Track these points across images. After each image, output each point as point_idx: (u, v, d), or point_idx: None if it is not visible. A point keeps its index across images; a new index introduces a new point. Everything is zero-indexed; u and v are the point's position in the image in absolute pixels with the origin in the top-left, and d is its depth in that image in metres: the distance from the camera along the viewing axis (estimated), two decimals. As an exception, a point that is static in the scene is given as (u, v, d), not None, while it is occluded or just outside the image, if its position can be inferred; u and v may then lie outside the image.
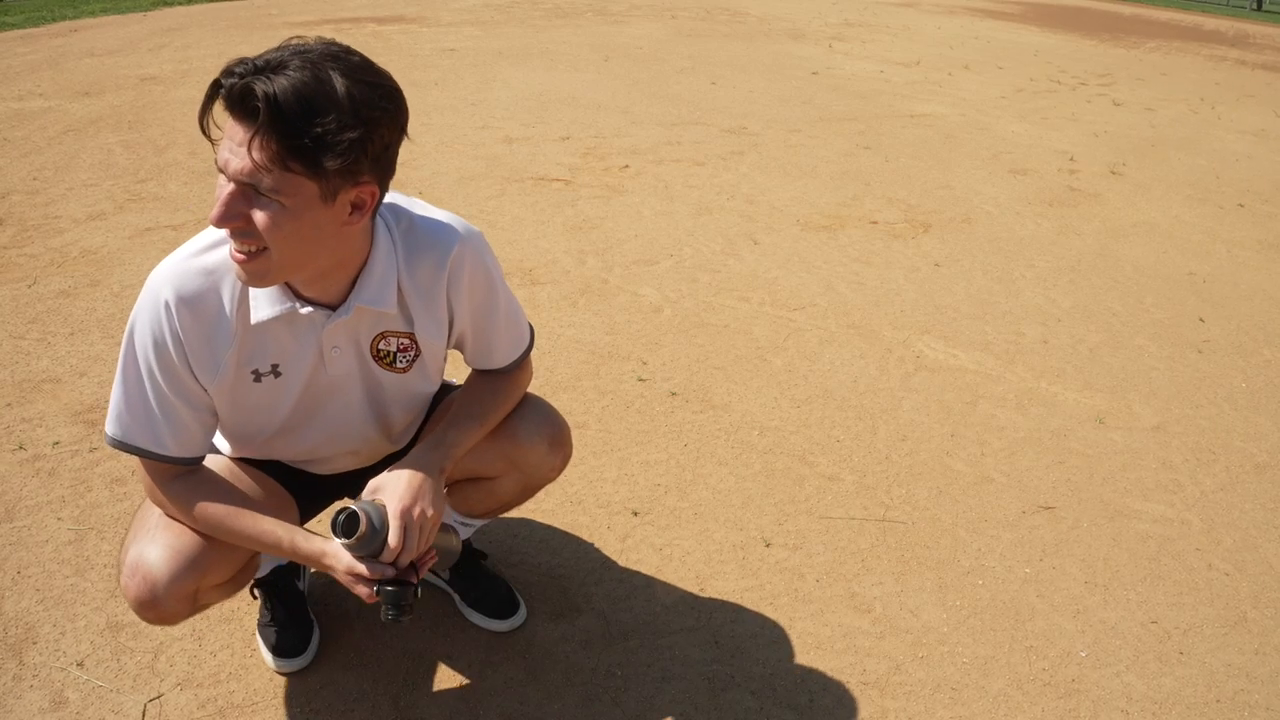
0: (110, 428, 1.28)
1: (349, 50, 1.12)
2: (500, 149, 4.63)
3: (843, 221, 4.04)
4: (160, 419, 1.27)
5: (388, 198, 1.31)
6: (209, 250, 1.24)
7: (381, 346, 1.37)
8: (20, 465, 2.17)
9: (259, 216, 1.10)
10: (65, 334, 2.75)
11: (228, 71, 1.06)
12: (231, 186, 1.09)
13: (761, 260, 3.57)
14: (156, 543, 1.31)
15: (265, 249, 1.13)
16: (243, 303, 1.25)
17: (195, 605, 1.38)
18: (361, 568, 1.26)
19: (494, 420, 1.48)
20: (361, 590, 1.27)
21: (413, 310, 1.35)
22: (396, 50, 6.82)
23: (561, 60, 6.74)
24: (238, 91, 1.05)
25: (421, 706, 1.60)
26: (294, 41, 1.10)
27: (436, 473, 1.34)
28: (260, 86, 1.04)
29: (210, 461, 1.40)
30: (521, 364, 1.53)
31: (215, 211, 1.10)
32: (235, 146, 1.07)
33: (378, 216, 1.29)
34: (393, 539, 1.26)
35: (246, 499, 1.37)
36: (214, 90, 1.08)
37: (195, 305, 1.22)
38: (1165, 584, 2.03)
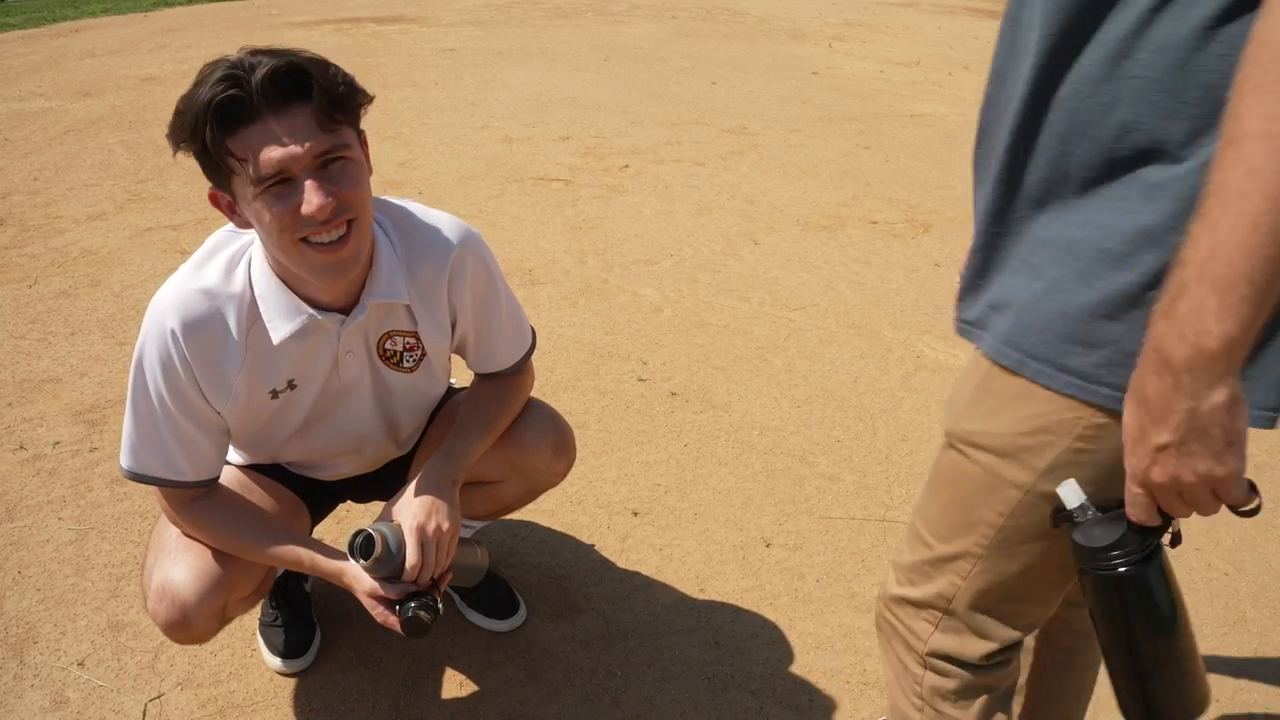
0: (125, 460, 1.27)
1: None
2: (500, 149, 4.63)
3: (843, 221, 4.04)
4: (174, 447, 1.26)
5: (381, 200, 1.32)
6: (209, 274, 1.22)
7: (388, 346, 1.36)
8: (21, 465, 2.17)
9: (344, 185, 1.11)
10: (66, 334, 2.75)
11: (227, 85, 1.02)
12: (309, 180, 1.07)
13: (761, 260, 3.57)
14: (180, 564, 1.31)
15: (353, 220, 1.13)
16: (253, 325, 1.23)
17: (223, 621, 1.38)
18: (382, 591, 1.26)
19: (500, 427, 1.48)
20: (380, 612, 1.27)
21: (416, 311, 1.35)
22: (396, 50, 6.83)
23: (561, 60, 6.74)
24: (267, 79, 1.02)
25: (421, 706, 1.61)
26: (219, 63, 1.06)
27: (449, 486, 1.34)
28: (282, 64, 1.04)
29: (222, 474, 1.40)
30: (524, 367, 1.52)
31: (315, 205, 1.07)
32: (292, 131, 1.05)
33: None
34: (411, 557, 1.26)
35: (263, 516, 1.37)
36: (227, 106, 1.02)
37: (201, 330, 1.20)
38: (1165, 584, 2.04)
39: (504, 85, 5.91)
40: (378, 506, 2.01)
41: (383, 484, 1.63)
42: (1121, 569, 0.79)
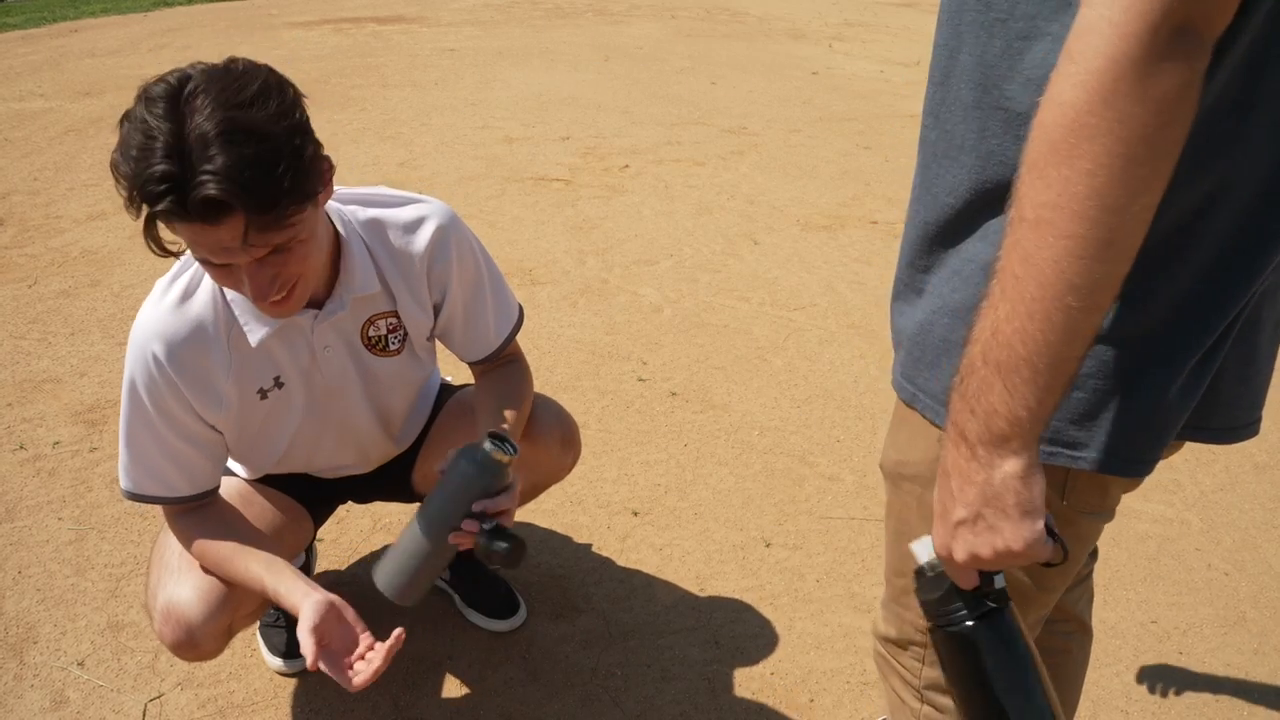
0: (123, 481, 1.29)
1: (215, 68, 1.03)
2: (500, 149, 4.63)
3: (843, 221, 4.04)
4: (169, 466, 1.27)
5: (346, 192, 1.33)
6: (176, 291, 1.23)
7: (371, 333, 1.36)
8: (21, 465, 2.17)
9: (290, 265, 1.09)
10: (66, 334, 2.75)
11: (151, 185, 0.95)
12: (251, 269, 1.06)
13: (761, 260, 3.57)
14: (184, 584, 1.31)
15: (296, 283, 1.13)
16: (231, 328, 1.25)
17: (230, 634, 1.39)
18: (311, 642, 1.15)
19: (527, 407, 1.48)
20: (309, 646, 1.15)
21: (394, 288, 1.34)
22: (396, 50, 6.82)
23: (561, 60, 6.74)
24: (198, 205, 0.95)
25: (421, 706, 1.61)
26: (153, 88, 1.00)
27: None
28: (214, 187, 0.94)
29: (224, 484, 1.40)
30: (515, 348, 1.52)
31: (253, 290, 1.07)
32: (227, 245, 1.01)
33: (330, 209, 1.29)
34: (520, 483, 1.26)
35: (251, 533, 1.35)
36: (156, 215, 0.99)
37: (183, 347, 1.21)
38: (1165, 584, 2.04)
39: (504, 85, 5.91)
40: (377, 507, 2.02)
41: (382, 484, 1.63)
42: (951, 627, 0.78)
